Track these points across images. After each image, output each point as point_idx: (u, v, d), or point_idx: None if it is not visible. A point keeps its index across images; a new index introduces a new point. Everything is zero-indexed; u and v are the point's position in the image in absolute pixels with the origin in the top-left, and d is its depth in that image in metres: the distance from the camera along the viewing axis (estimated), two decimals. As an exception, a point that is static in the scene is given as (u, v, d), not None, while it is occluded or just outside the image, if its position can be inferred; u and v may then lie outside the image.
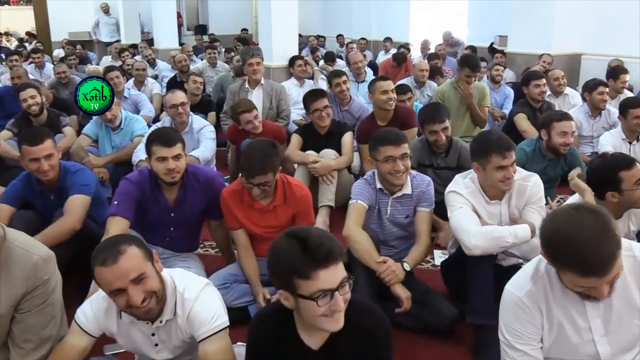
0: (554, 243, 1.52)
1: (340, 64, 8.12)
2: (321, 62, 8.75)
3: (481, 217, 2.53)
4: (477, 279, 2.37)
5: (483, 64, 6.63)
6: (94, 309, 1.89)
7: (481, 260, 2.36)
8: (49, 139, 2.84)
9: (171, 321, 1.84)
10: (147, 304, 1.73)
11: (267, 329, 1.65)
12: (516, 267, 2.50)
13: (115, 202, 2.64)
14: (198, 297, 1.82)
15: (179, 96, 4.04)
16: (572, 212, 1.52)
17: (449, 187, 2.59)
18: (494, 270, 2.40)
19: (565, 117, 3.47)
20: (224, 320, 1.82)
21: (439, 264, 3.05)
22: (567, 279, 1.56)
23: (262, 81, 5.24)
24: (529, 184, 2.52)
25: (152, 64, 8.49)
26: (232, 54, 8.44)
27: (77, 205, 2.76)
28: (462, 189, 2.54)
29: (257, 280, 2.65)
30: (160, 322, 1.83)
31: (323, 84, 6.30)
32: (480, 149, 2.49)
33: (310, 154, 3.94)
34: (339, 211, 3.70)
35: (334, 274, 1.44)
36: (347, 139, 4.05)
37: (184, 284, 1.85)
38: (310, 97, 4.09)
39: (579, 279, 1.50)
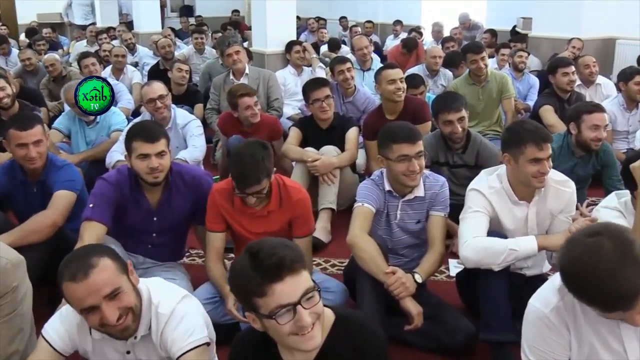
0: (571, 279, 1.54)
1: (344, 51, 8.13)
2: (323, 48, 8.75)
3: (503, 222, 2.54)
4: (490, 291, 2.39)
5: (505, 50, 6.62)
6: (65, 324, 1.88)
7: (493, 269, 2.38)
8: (39, 125, 2.96)
9: (147, 337, 1.85)
10: (123, 321, 1.74)
11: (247, 353, 1.66)
12: (541, 278, 2.52)
13: (91, 205, 2.65)
14: (173, 311, 1.82)
15: (156, 88, 3.99)
16: (589, 240, 1.50)
17: (472, 184, 2.60)
18: (517, 280, 2.41)
19: (597, 108, 3.48)
20: (202, 335, 1.82)
21: (455, 275, 3.06)
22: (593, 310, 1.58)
23: (247, 70, 5.24)
24: (568, 190, 2.55)
25: (132, 49, 8.50)
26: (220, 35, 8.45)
27: (61, 200, 2.84)
28: (486, 188, 2.55)
29: (224, 282, 2.60)
30: (135, 338, 1.84)
31: (321, 74, 6.31)
32: (513, 138, 2.50)
33: (310, 151, 3.95)
34: (343, 215, 3.71)
35: (292, 285, 1.43)
36: (352, 134, 4.06)
37: (159, 296, 1.85)
38: (311, 86, 4.11)
39: (604, 313, 1.53)
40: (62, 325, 1.89)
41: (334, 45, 8.54)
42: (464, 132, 3.50)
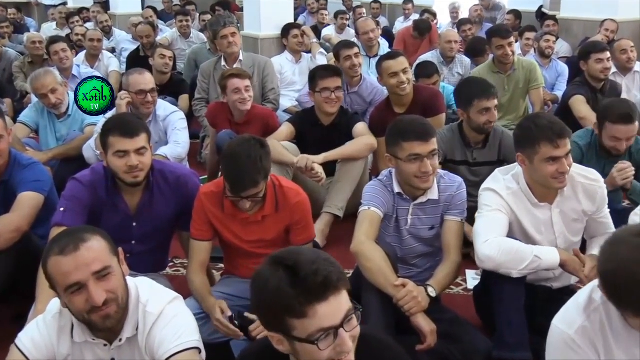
0: (616, 286, 1.56)
1: (349, 34, 8.14)
2: (326, 30, 8.74)
3: (526, 227, 2.55)
4: (504, 303, 2.41)
5: (530, 34, 6.62)
6: (43, 332, 1.91)
7: (508, 279, 2.39)
8: None
9: (133, 340, 1.88)
10: (107, 307, 1.79)
11: None
12: (569, 291, 2.53)
13: (62, 209, 2.66)
14: (162, 311, 1.87)
15: (149, 80, 4.04)
16: (636, 241, 1.53)
17: (486, 184, 2.62)
18: (542, 294, 2.42)
19: (623, 119, 3.22)
20: (192, 338, 1.86)
21: (472, 287, 3.07)
22: (635, 322, 1.58)
23: (241, 56, 5.26)
24: (598, 184, 2.58)
25: (108, 33, 8.51)
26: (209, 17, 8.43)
27: (27, 203, 2.83)
28: (503, 189, 2.56)
29: (208, 293, 2.63)
30: (120, 340, 1.87)
31: (322, 61, 6.31)
32: (526, 136, 2.51)
33: (289, 152, 3.87)
34: (347, 220, 3.72)
35: (336, 306, 1.44)
36: (362, 126, 4.04)
37: (148, 295, 1.91)
38: (322, 73, 4.07)
39: None
40: (39, 332, 1.92)
41: (342, 12, 8.79)
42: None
